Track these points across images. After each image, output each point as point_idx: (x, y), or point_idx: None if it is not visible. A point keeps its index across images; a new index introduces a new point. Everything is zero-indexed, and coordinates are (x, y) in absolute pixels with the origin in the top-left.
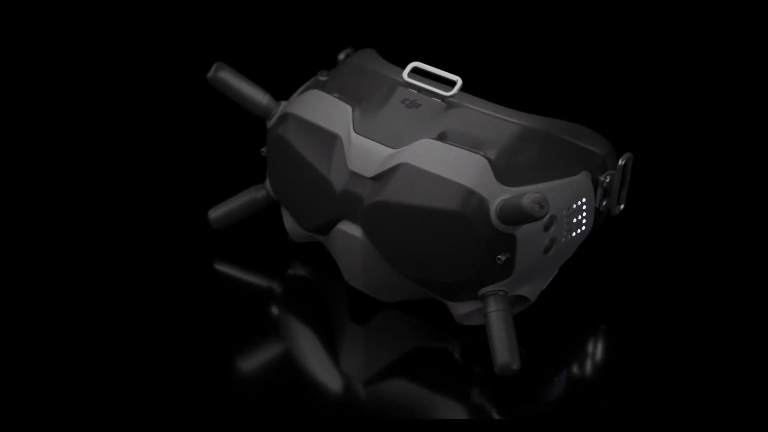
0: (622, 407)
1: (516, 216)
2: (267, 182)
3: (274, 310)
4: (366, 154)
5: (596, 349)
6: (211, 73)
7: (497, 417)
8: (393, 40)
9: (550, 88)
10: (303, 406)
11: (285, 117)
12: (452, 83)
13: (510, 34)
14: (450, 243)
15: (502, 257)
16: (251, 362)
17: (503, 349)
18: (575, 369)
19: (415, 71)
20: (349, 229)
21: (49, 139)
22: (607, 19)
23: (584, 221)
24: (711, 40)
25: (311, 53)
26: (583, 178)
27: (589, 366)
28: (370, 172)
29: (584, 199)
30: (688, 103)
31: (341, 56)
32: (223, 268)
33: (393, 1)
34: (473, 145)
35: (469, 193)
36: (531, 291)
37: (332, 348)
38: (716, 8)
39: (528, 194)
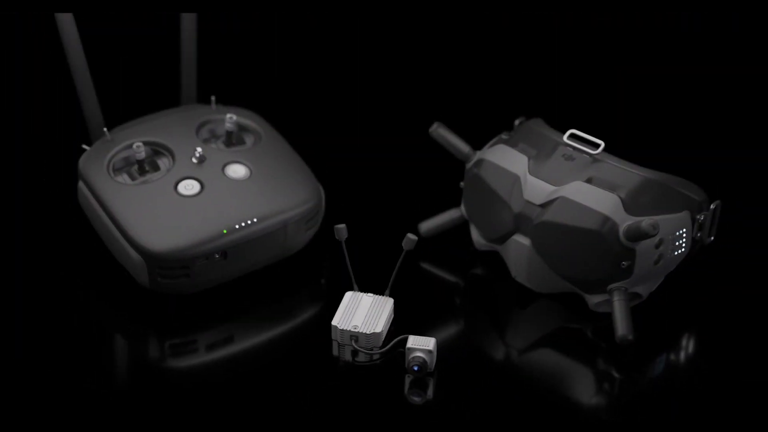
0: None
1: (636, 234)
2: (462, 206)
3: (457, 299)
4: (536, 189)
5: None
6: (433, 128)
7: (617, 375)
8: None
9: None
10: (472, 368)
11: (480, 162)
12: (597, 145)
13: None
14: (590, 252)
15: (625, 263)
16: (440, 336)
17: (623, 325)
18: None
19: (572, 136)
20: (521, 239)
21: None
22: None
23: (684, 245)
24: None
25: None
26: (684, 215)
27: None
28: (538, 201)
29: (684, 230)
30: None
31: (516, 122)
32: (426, 266)
33: None
34: (610, 188)
35: (606, 219)
36: (644, 290)
37: (499, 325)
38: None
39: (646, 219)
